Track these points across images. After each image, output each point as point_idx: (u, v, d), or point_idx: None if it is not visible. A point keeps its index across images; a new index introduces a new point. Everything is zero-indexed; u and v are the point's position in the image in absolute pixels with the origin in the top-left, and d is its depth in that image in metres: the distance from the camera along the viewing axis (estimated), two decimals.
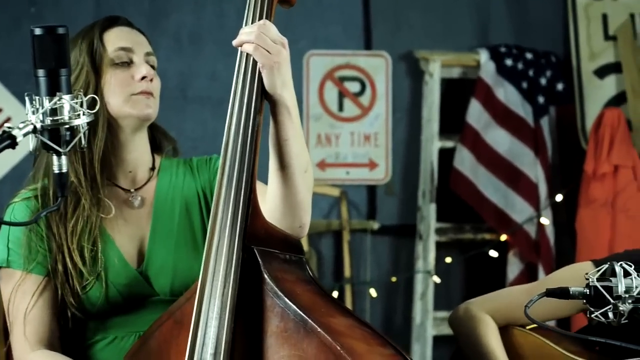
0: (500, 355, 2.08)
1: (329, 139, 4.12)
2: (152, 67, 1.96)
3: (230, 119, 1.73)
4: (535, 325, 2.12)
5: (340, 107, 4.13)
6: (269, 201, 1.80)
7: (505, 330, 2.12)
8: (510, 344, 2.11)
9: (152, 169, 1.98)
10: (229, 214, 1.69)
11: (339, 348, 1.60)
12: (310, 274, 1.75)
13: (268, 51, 1.71)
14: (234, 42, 1.75)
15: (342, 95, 4.14)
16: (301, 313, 1.63)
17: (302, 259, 1.76)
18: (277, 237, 1.73)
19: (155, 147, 2.01)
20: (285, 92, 1.75)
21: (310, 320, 1.63)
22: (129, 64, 1.92)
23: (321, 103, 4.12)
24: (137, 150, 1.96)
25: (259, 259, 1.69)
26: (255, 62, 1.73)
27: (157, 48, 4.27)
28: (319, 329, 1.62)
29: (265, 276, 1.68)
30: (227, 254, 1.68)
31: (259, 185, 1.84)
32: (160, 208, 1.94)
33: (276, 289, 1.66)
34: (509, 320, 2.11)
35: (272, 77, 1.72)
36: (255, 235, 1.70)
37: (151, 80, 1.92)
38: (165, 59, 3.88)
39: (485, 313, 2.12)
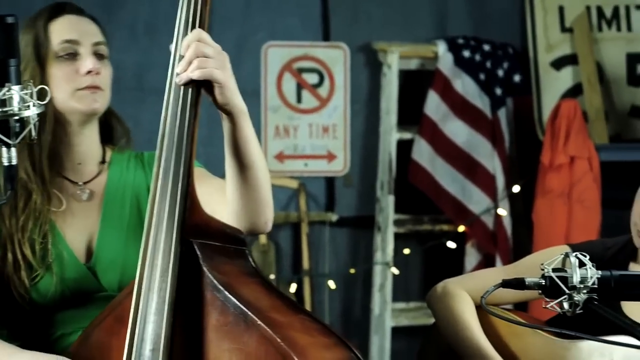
0: (477, 330, 2.11)
1: (287, 130, 4.11)
2: (102, 56, 1.91)
3: (166, 111, 1.71)
4: (512, 303, 2.16)
5: (299, 99, 4.12)
6: (234, 203, 1.78)
7: (480, 309, 2.14)
8: (485, 322, 2.14)
9: (103, 162, 1.95)
10: (166, 207, 1.67)
11: (279, 340, 1.59)
12: (254, 265, 1.74)
13: (219, 69, 1.68)
14: (179, 82, 1.69)
15: (300, 86, 4.12)
16: (241, 306, 1.62)
17: (244, 251, 1.74)
18: (218, 229, 1.71)
19: (107, 138, 1.97)
20: (237, 99, 1.73)
21: (250, 313, 1.62)
22: (74, 55, 1.88)
23: (279, 95, 4.10)
24: (86, 143, 1.92)
25: (198, 253, 1.67)
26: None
27: (112, 39, 4.21)
28: (259, 322, 1.61)
29: (205, 270, 1.66)
30: (164, 248, 1.66)
31: (217, 181, 1.82)
32: (110, 202, 1.92)
33: (216, 282, 1.65)
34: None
35: (227, 93, 1.70)
36: (194, 229, 1.68)
37: (98, 73, 1.88)
38: (121, 50, 3.83)
39: (463, 291, 2.16)
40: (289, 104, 4.12)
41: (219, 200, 1.80)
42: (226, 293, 1.63)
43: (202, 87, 1.71)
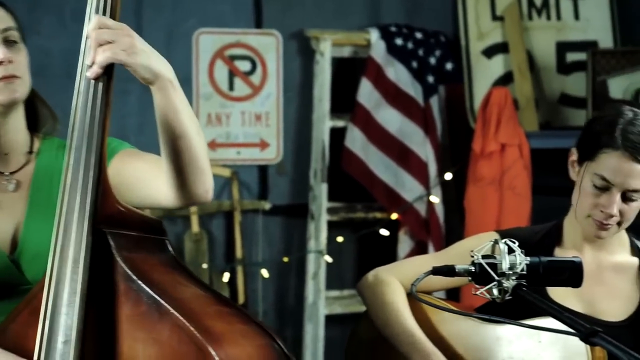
0: (408, 317, 2.12)
1: (219, 118, 4.07)
2: (14, 42, 1.83)
3: (77, 100, 1.69)
4: (443, 289, 2.17)
5: (231, 86, 4.09)
6: (171, 175, 1.74)
7: (410, 296, 2.15)
8: (416, 309, 2.15)
9: (31, 152, 1.90)
10: (77, 197, 1.65)
11: (193, 329, 1.58)
12: (173, 255, 1.72)
13: (124, 50, 1.65)
14: (90, 76, 1.67)
15: (232, 74, 4.09)
16: (155, 296, 1.61)
17: (163, 240, 1.72)
18: (134, 218, 1.69)
19: (33, 123, 1.92)
20: (159, 66, 1.69)
21: (164, 303, 1.60)
22: None
23: (211, 82, 4.06)
24: (12, 132, 1.87)
25: (111, 243, 1.66)
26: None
27: (40, 25, 4.14)
28: (172, 311, 1.60)
29: (118, 260, 1.64)
30: (75, 238, 1.64)
31: (151, 157, 1.78)
32: (36, 193, 1.87)
33: (129, 272, 1.63)
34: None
35: (141, 70, 1.67)
36: (108, 218, 1.66)
37: (10, 61, 1.81)
38: (49, 36, 3.76)
39: (394, 278, 2.17)
40: (221, 92, 4.08)
41: (156, 175, 1.77)
42: (140, 283, 1.62)
43: (112, 74, 1.68)
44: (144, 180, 1.70)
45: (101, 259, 1.65)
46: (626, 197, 2.05)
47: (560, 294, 2.08)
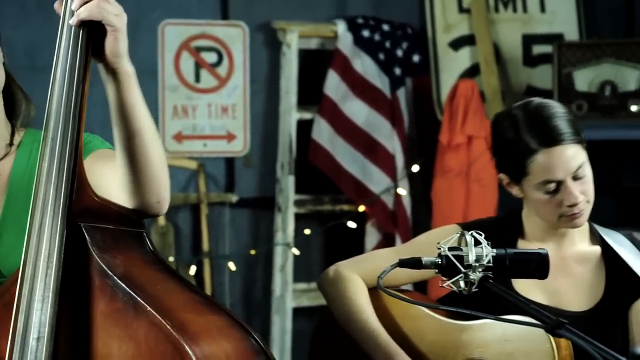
0: (370, 314, 2.11)
1: (185, 110, 4.04)
2: None
3: (52, 88, 1.66)
4: (408, 283, 2.17)
5: (197, 78, 4.06)
6: (123, 177, 1.71)
7: (373, 291, 2.15)
8: (379, 305, 2.14)
9: (11, 144, 1.86)
10: (52, 189, 1.61)
11: (169, 327, 1.56)
12: (151, 248, 1.69)
13: (116, 15, 1.63)
14: (77, 19, 1.64)
15: (198, 65, 4.06)
16: (131, 292, 1.58)
17: (141, 233, 1.69)
18: (110, 211, 1.66)
19: (10, 111, 1.87)
20: (126, 59, 1.67)
21: (140, 300, 1.58)
22: None
23: (177, 74, 4.03)
24: None
25: (87, 236, 1.62)
26: (81, 28, 1.64)
27: (2, 15, 4.08)
28: (149, 308, 1.57)
29: (94, 254, 1.61)
30: (50, 232, 1.60)
31: (109, 152, 1.75)
32: (15, 186, 1.83)
33: (105, 267, 1.60)
34: (376, 281, 2.12)
35: (121, 43, 1.64)
36: (84, 211, 1.63)
37: None
38: (12, 27, 3.71)
39: (355, 274, 2.15)
40: (187, 84, 4.05)
41: (117, 183, 1.73)
42: (115, 278, 1.59)
43: (92, 39, 1.64)
44: (105, 186, 1.66)
45: (76, 253, 1.62)
46: (577, 178, 2.04)
47: (524, 287, 2.07)
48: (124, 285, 1.59)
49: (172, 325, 1.55)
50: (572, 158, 2.04)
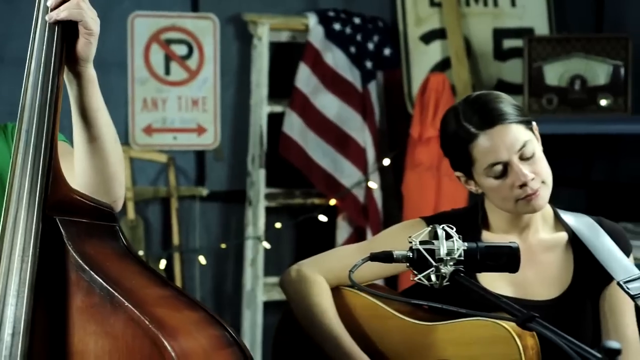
0: (333, 318, 2.08)
1: (155, 103, 4.02)
2: None
3: (27, 80, 1.64)
4: (366, 284, 2.14)
5: (167, 71, 4.03)
6: (80, 176, 1.72)
7: (337, 291, 2.13)
8: (343, 305, 2.12)
9: None
10: (27, 182, 1.60)
11: (147, 322, 1.55)
12: (124, 243, 1.68)
13: (93, 19, 1.66)
14: (56, 17, 1.64)
15: (168, 58, 4.03)
16: (107, 287, 1.57)
17: (114, 227, 1.68)
18: (85, 206, 1.65)
19: None
20: (92, 62, 1.68)
21: (117, 294, 1.57)
22: None
23: (147, 66, 4.00)
24: None
25: (62, 231, 1.61)
26: (56, 24, 1.63)
27: None
28: (126, 303, 1.56)
29: (69, 248, 1.60)
30: (25, 226, 1.59)
31: (66, 148, 1.74)
32: None
33: (81, 262, 1.59)
34: (340, 280, 2.11)
35: (93, 48, 1.66)
36: (59, 205, 1.61)
37: None
38: None
39: (318, 274, 2.12)
40: (157, 76, 4.02)
41: (70, 177, 1.73)
42: (92, 273, 1.58)
43: (66, 39, 1.63)
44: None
45: (52, 247, 1.60)
46: (524, 157, 2.02)
47: (489, 280, 2.04)
48: (100, 279, 1.58)
49: (150, 320, 1.54)
50: (514, 136, 2.01)
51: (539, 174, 2.03)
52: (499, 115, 2.02)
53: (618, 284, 2.00)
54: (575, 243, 2.09)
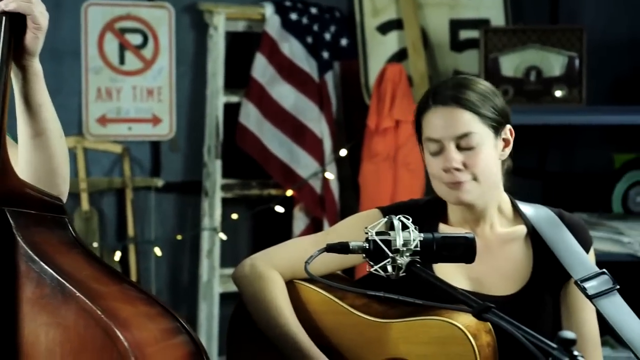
0: (289, 317, 2.06)
1: (109, 93, 3.97)
2: None
3: None
4: (329, 272, 2.13)
5: (122, 60, 3.98)
6: (24, 171, 1.70)
7: (292, 286, 2.10)
8: (298, 300, 2.09)
9: None
10: None
11: (99, 313, 1.53)
12: (74, 235, 1.66)
13: (42, 13, 1.65)
14: (3, 8, 1.62)
15: (123, 47, 3.98)
16: (58, 278, 1.55)
17: (64, 219, 1.66)
18: (34, 197, 1.63)
19: None
20: (38, 56, 1.67)
21: (68, 285, 1.55)
22: None
23: (101, 55, 3.95)
24: None
25: (11, 221, 1.59)
26: (3, 15, 1.61)
27: None
28: (78, 294, 1.54)
29: (19, 239, 1.57)
30: None
31: (9, 142, 1.72)
32: None
33: (31, 253, 1.57)
34: (296, 273, 2.09)
35: (40, 42, 1.64)
36: (7, 196, 1.59)
37: None
38: None
39: (272, 269, 2.08)
40: (111, 66, 3.97)
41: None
42: (42, 264, 1.56)
43: (14, 32, 1.61)
44: None
45: (0, 239, 1.58)
46: (462, 148, 2.00)
47: (445, 273, 2.02)
48: (51, 270, 1.56)
49: (102, 311, 1.53)
50: (457, 122, 2.00)
51: (471, 168, 2.00)
52: (453, 97, 2.01)
53: (575, 283, 1.98)
54: (535, 236, 2.07)
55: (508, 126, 2.07)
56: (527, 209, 2.11)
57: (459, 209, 2.08)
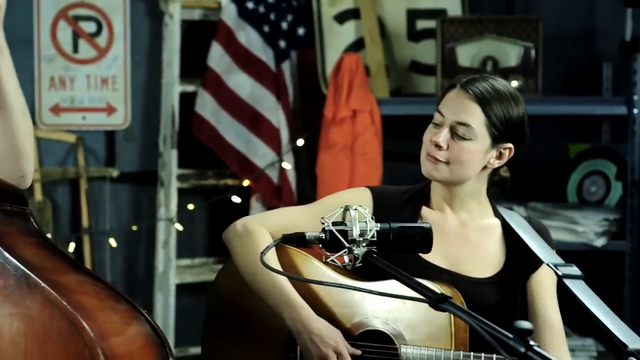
0: (275, 265, 2.08)
1: (63, 81, 3.91)
2: None
3: None
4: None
5: (75, 49, 3.93)
6: None
7: (280, 247, 2.12)
8: (286, 259, 2.13)
9: None
10: None
11: (65, 303, 1.51)
12: (35, 226, 1.64)
13: None
14: None
15: (76, 35, 3.93)
16: (23, 268, 1.52)
17: (25, 210, 1.64)
18: None
19: None
20: (1, 30, 1.65)
21: (33, 276, 1.52)
22: None
23: (54, 44, 3.89)
24: None
25: None
26: None
27: None
28: (43, 285, 1.52)
29: None
30: None
31: None
32: None
33: None
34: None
35: (0, 14, 1.63)
36: None
37: None
38: None
39: (263, 227, 2.13)
40: (64, 54, 3.92)
41: None
42: (6, 254, 1.53)
43: None
44: None
45: None
46: (456, 134, 2.09)
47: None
48: (15, 261, 1.53)
49: (68, 301, 1.51)
50: (465, 110, 2.10)
51: (451, 152, 2.10)
52: (477, 90, 2.11)
53: (547, 264, 2.06)
54: (508, 232, 2.17)
55: (510, 145, 2.15)
56: (502, 210, 2.23)
57: (441, 193, 2.17)
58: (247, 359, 2.16)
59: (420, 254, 2.09)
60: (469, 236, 2.16)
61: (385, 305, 2.07)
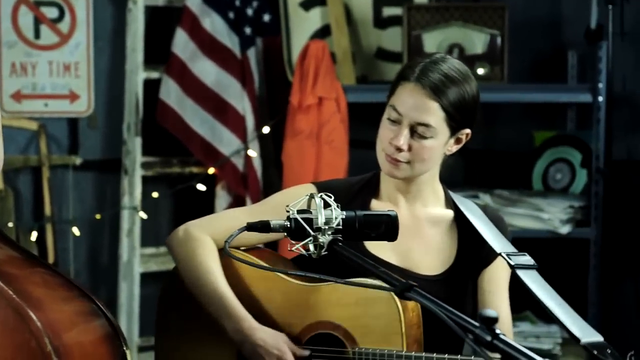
0: (219, 277, 2.07)
1: (24, 68, 3.86)
2: None
3: None
4: (260, 244, 2.15)
5: (37, 34, 3.87)
6: None
7: (226, 260, 2.10)
8: (230, 266, 2.10)
9: None
10: None
11: (11, 293, 1.49)
12: None
13: None
14: None
15: (38, 21, 3.87)
16: None
17: None
18: None
19: None
20: None
21: None
22: None
23: (15, 29, 3.83)
24: None
25: None
26: None
27: None
28: None
29: None
30: None
31: None
32: None
33: None
34: None
35: None
36: None
37: None
38: None
39: (206, 234, 2.10)
40: (26, 40, 3.86)
41: None
42: None
43: None
44: None
45: None
46: (416, 133, 2.04)
47: (376, 247, 2.08)
48: None
49: (14, 291, 1.49)
50: (424, 110, 2.04)
51: (413, 154, 2.05)
52: (435, 86, 2.03)
53: (500, 255, 2.02)
54: (460, 222, 2.13)
55: (467, 131, 2.10)
56: (456, 197, 2.18)
57: (394, 184, 2.12)
58: (200, 356, 2.12)
59: (370, 250, 2.07)
60: (420, 228, 2.13)
61: (337, 308, 2.03)
